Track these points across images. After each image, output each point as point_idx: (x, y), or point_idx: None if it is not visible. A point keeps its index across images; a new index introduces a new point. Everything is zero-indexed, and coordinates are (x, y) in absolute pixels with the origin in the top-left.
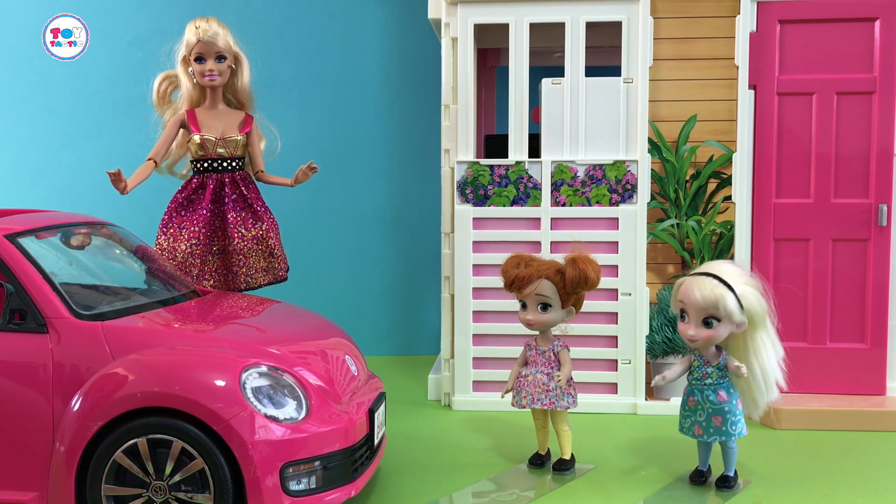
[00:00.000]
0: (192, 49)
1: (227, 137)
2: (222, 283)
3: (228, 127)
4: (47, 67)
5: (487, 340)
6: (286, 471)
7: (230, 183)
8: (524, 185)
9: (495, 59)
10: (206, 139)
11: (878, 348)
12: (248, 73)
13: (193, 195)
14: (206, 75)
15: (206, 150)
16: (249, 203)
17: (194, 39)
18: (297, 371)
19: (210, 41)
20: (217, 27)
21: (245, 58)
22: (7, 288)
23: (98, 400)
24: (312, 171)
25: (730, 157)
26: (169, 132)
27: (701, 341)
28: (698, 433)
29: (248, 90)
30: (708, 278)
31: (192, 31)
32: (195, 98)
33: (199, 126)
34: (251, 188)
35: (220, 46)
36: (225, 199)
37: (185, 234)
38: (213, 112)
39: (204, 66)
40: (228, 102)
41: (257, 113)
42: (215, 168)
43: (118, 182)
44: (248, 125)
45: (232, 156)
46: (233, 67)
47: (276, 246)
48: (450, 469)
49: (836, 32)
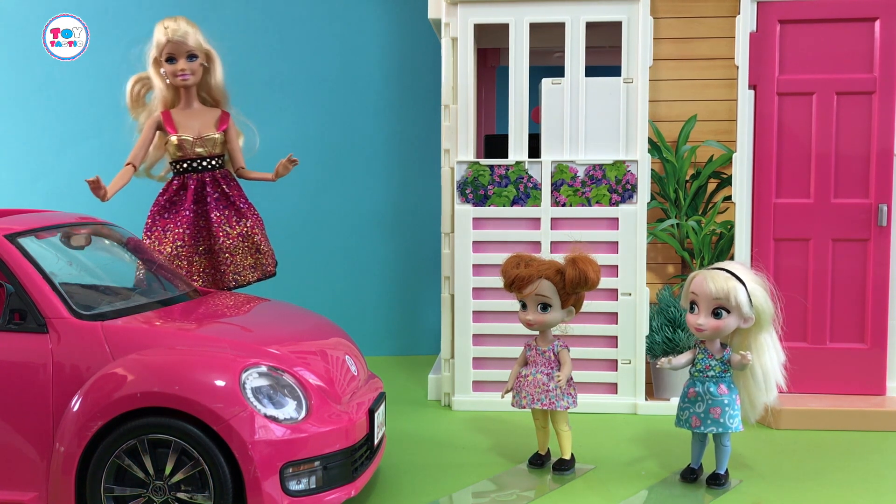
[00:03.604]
0: (162, 49)
1: (204, 136)
2: (210, 283)
3: (205, 126)
4: (47, 67)
5: (487, 340)
6: (286, 471)
7: (211, 182)
8: (524, 185)
9: (495, 59)
10: (183, 139)
11: (878, 348)
12: (221, 70)
13: (175, 197)
14: (178, 75)
15: (184, 151)
16: (232, 201)
17: (164, 39)
18: (297, 371)
19: (180, 40)
20: (186, 26)
21: (216, 54)
22: (7, 288)
23: (98, 400)
24: (292, 163)
25: (730, 157)
26: (146, 135)
27: (709, 331)
28: (695, 424)
29: (222, 87)
30: (721, 272)
31: (160, 31)
32: (169, 99)
33: (175, 127)
34: (233, 186)
35: (191, 45)
36: (207, 198)
37: (169, 236)
38: (188, 112)
39: (175, 65)
40: (203, 101)
41: (233, 109)
42: (195, 168)
43: (98, 189)
44: (225, 122)
45: (211, 154)
46: (205, 65)
47: (263, 242)
48: (450, 469)
49: (836, 32)
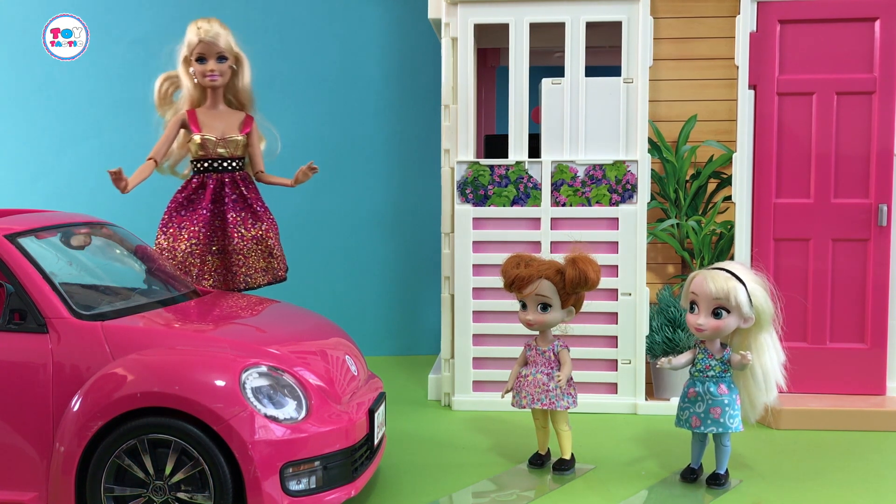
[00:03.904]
0: (193, 49)
1: (227, 137)
2: (221, 283)
3: (229, 127)
4: (47, 67)
5: (487, 340)
6: (286, 471)
7: (230, 183)
8: (524, 185)
9: (495, 59)
10: (206, 139)
11: (878, 348)
12: (249, 74)
13: (193, 195)
14: (207, 75)
15: (206, 151)
16: (249, 203)
17: (196, 40)
18: (297, 371)
19: (211, 41)
20: (219, 28)
21: (246, 58)
22: (7, 288)
23: (98, 400)
24: (313, 171)
25: (730, 157)
26: (169, 132)
27: (709, 331)
28: (695, 424)
29: (249, 91)
30: (721, 272)
31: (193, 31)
32: (196, 98)
33: (199, 126)
34: (251, 188)
35: (222, 47)
36: (225, 199)
37: (184, 233)
38: (213, 112)
39: (205, 66)
40: (229, 103)
41: (258, 114)
42: (215, 168)
43: (119, 181)
44: (249, 126)
45: (232, 156)
46: (234, 68)
47: (276, 246)
48: (450, 469)
49: (836, 32)
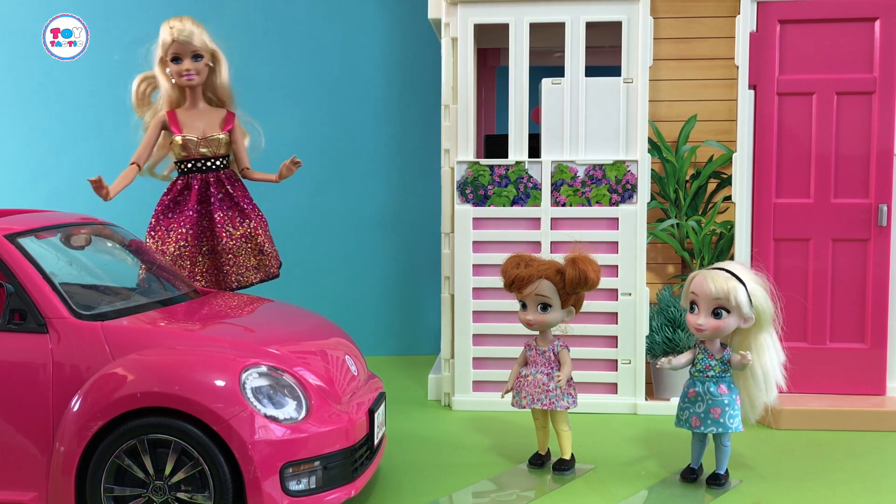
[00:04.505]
0: (167, 49)
1: (209, 136)
2: (213, 284)
3: (210, 126)
4: (47, 67)
5: (487, 340)
6: (286, 471)
7: (215, 182)
8: (524, 185)
9: (495, 59)
10: (187, 140)
11: (878, 348)
12: (227, 70)
13: (179, 196)
14: (183, 75)
15: (188, 151)
16: (236, 201)
17: (169, 39)
18: (297, 371)
19: (185, 40)
20: (192, 26)
21: (223, 55)
22: (7, 288)
23: (98, 400)
24: (296, 165)
25: (730, 157)
26: (151, 134)
27: (709, 331)
28: (695, 424)
29: (228, 87)
30: (721, 272)
31: (166, 31)
32: (175, 99)
33: (180, 127)
34: (237, 186)
35: (196, 45)
36: (211, 198)
37: (172, 236)
38: (193, 112)
39: (181, 65)
40: (209, 101)
41: (238, 109)
42: (199, 168)
43: (100, 189)
44: (230, 123)
45: (215, 155)
46: (210, 65)
47: (266, 243)
48: (450, 469)
49: (836, 32)
